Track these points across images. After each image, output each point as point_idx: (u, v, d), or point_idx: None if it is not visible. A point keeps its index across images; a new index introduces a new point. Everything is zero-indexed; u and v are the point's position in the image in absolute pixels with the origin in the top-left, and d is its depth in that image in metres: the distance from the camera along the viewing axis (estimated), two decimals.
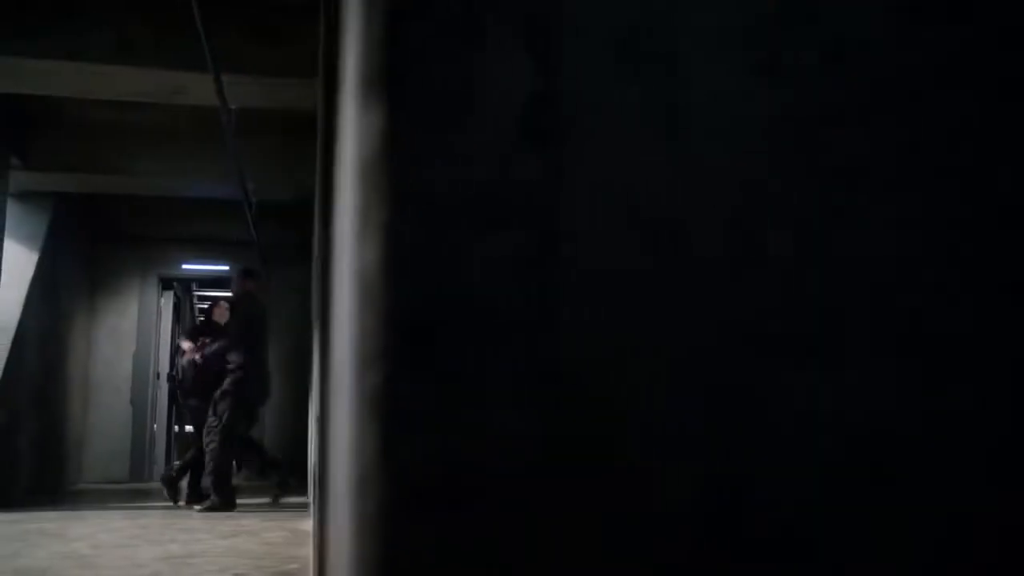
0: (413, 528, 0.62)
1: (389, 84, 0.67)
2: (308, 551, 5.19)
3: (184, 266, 11.24)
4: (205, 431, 7.66)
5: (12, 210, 7.99)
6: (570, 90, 0.70)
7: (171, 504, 7.86)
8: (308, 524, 6.55)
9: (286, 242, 11.22)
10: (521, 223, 0.68)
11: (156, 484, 8.09)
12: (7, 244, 7.78)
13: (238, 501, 7.70)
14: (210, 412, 7.64)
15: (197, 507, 7.52)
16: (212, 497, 7.57)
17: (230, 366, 7.58)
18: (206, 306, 9.87)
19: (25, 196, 8.57)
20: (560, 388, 0.68)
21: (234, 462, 8.42)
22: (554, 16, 0.70)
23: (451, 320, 0.65)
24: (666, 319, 0.71)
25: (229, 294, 8.22)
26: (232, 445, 7.81)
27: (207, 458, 7.70)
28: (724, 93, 0.73)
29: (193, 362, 8.02)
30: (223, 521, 6.75)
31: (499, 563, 0.64)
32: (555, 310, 0.68)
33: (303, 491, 9.60)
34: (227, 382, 7.56)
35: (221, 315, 8.26)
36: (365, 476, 0.63)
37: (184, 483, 8.00)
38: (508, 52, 0.69)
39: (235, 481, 7.96)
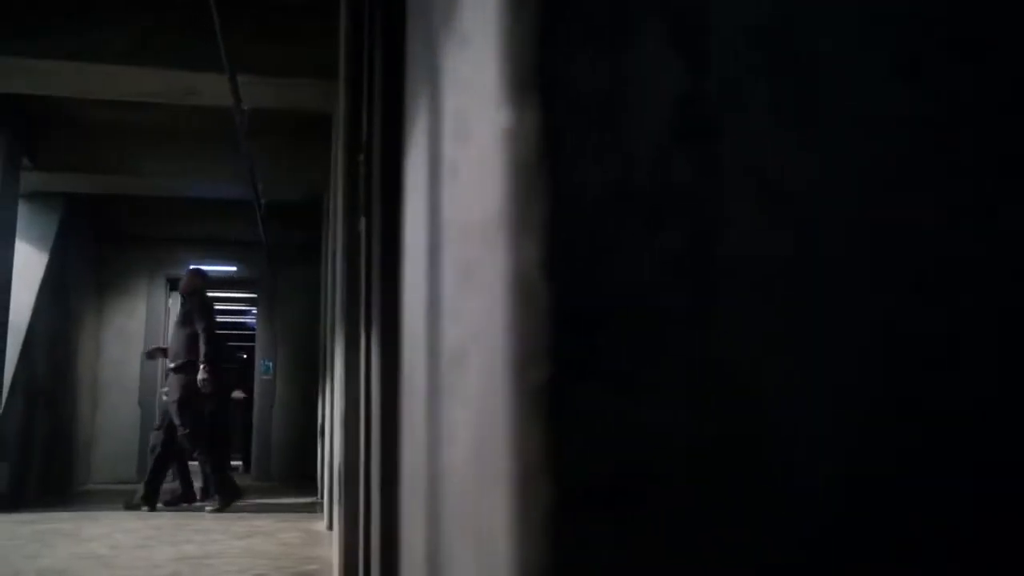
0: (584, 528, 0.62)
1: (542, 85, 0.67)
2: (324, 551, 5.19)
3: (191, 267, 11.22)
4: (180, 439, 7.78)
5: (22, 211, 7.97)
6: (718, 90, 0.70)
7: (180, 506, 7.88)
8: (321, 525, 6.54)
9: (290, 242, 11.21)
10: (675, 223, 0.68)
11: (165, 485, 8.13)
12: (18, 245, 7.76)
13: (245, 500, 7.71)
14: (176, 419, 7.74)
15: (208, 508, 7.54)
16: (216, 498, 7.59)
17: (198, 358, 7.78)
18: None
19: (34, 196, 8.56)
20: (713, 387, 0.68)
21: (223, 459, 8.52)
22: (703, 15, 0.70)
23: (612, 318, 0.65)
24: (809, 318, 0.71)
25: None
26: (211, 443, 7.93)
27: (200, 468, 7.81)
28: (865, 93, 0.73)
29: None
30: (236, 522, 6.76)
31: (666, 564, 0.64)
32: (710, 309, 0.68)
33: (310, 491, 9.58)
34: (180, 387, 7.72)
35: None
36: (529, 476, 0.63)
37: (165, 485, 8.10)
38: (658, 52, 0.69)
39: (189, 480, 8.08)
